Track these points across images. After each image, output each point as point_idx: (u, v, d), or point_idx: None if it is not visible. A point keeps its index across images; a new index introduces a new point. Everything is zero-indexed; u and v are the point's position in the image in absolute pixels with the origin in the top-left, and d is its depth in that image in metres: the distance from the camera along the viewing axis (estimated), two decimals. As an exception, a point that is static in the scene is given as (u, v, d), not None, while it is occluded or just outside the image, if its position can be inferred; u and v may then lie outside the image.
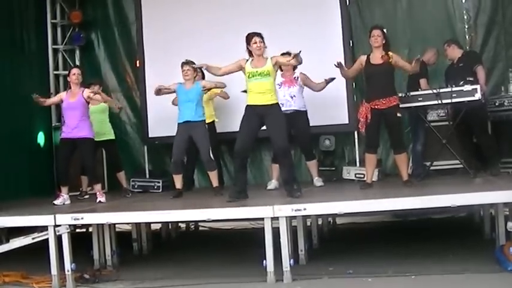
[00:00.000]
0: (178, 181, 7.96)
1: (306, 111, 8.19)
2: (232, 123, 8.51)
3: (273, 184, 8.26)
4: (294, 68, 8.06)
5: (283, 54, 7.23)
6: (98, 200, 7.81)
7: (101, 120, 8.65)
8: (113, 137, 8.91)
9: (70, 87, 8.01)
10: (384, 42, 7.18)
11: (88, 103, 7.91)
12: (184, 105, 7.88)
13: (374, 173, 7.53)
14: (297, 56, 6.57)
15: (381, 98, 7.08)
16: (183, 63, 7.96)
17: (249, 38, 6.89)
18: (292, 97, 8.05)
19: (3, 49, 9.20)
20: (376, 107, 7.09)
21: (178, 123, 7.90)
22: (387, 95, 7.10)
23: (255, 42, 6.82)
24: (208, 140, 7.90)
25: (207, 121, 8.13)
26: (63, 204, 7.66)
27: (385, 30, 7.31)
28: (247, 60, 6.89)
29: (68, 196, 7.83)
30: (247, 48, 6.91)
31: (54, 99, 8.30)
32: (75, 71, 8.00)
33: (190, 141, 7.89)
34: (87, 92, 7.87)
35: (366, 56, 7.31)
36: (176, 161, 7.88)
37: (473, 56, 8.41)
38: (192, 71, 7.94)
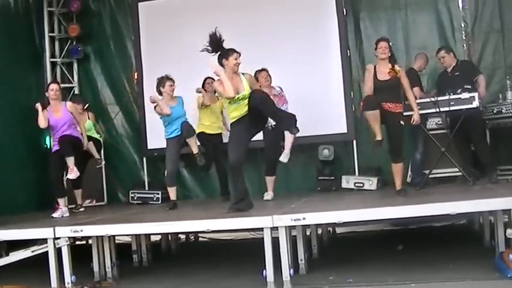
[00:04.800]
0: (172, 193, 7.98)
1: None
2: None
3: (269, 195, 8.24)
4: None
5: (259, 71, 7.59)
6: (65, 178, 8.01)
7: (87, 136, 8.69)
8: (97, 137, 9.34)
9: (49, 103, 8.00)
10: (389, 54, 7.20)
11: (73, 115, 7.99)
12: (173, 123, 7.87)
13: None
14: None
15: (387, 102, 7.08)
16: (169, 78, 7.88)
17: (229, 53, 6.57)
18: None
19: (2, 62, 9.19)
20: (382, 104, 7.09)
21: (167, 139, 7.92)
22: (394, 101, 7.11)
23: (235, 59, 6.55)
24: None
25: (216, 132, 8.42)
26: (62, 217, 7.67)
27: (391, 43, 7.33)
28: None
29: (66, 209, 7.85)
30: (221, 62, 6.59)
31: (43, 117, 7.87)
32: (53, 86, 8.00)
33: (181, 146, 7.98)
34: (70, 106, 7.97)
35: (372, 66, 7.24)
36: (171, 173, 7.88)
37: (471, 66, 8.45)
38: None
